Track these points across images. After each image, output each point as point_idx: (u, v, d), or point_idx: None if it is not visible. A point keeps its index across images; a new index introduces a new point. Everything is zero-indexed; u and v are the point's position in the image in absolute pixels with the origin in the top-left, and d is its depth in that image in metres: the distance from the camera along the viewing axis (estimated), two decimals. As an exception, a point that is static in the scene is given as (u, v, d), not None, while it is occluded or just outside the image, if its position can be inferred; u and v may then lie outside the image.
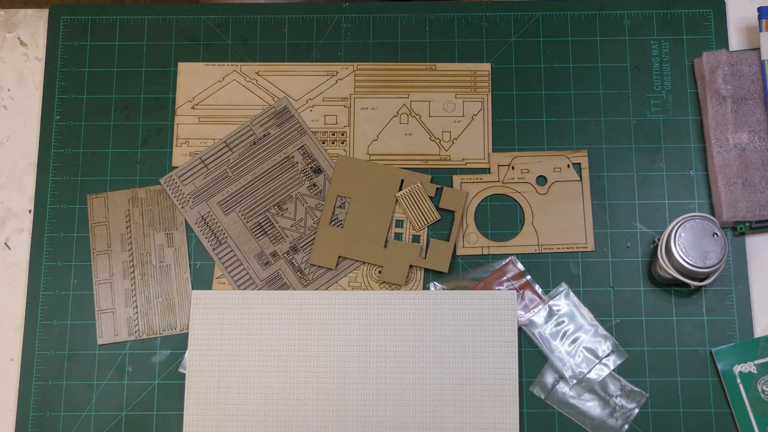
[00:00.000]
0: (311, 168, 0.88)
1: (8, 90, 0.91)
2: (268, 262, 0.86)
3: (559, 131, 0.88)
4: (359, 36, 0.91)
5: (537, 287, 0.84)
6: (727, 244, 0.79)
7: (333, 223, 0.86)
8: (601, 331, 0.83)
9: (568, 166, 0.87)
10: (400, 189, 0.86)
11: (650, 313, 0.84)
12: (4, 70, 0.92)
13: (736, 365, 0.81)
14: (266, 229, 0.87)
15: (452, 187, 0.87)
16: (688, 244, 0.78)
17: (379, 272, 0.85)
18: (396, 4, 0.92)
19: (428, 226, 0.86)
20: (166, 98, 0.90)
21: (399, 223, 0.86)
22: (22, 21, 0.93)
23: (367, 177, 0.87)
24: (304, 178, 0.88)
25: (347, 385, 0.82)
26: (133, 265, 0.86)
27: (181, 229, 0.87)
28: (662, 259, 0.80)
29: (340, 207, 0.87)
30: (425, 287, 0.85)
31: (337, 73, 0.90)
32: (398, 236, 0.86)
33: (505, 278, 0.84)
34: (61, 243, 0.87)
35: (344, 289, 0.85)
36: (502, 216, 0.86)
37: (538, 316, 0.83)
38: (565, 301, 0.84)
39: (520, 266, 0.84)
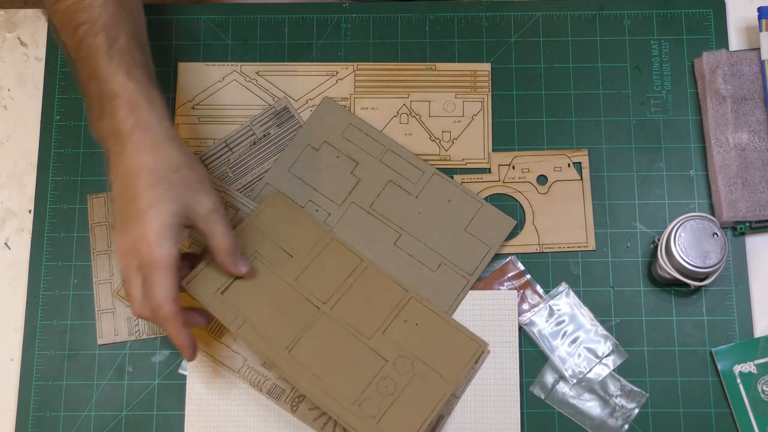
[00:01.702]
0: (311, 168, 0.88)
1: (8, 90, 0.91)
2: (268, 262, 0.86)
3: (559, 131, 0.88)
4: (359, 36, 0.91)
5: (537, 287, 0.84)
6: (727, 244, 0.79)
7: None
8: (601, 330, 0.83)
9: (569, 165, 0.87)
10: None
11: (650, 313, 0.84)
12: (4, 70, 0.91)
13: (736, 365, 0.81)
14: (266, 229, 0.87)
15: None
16: (688, 244, 0.78)
17: None
18: (396, 4, 0.92)
19: None
20: (166, 98, 0.89)
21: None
22: (22, 21, 0.93)
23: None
24: (304, 178, 0.88)
25: (347, 385, 0.82)
26: (133, 265, 0.86)
27: (181, 229, 0.87)
28: (662, 259, 0.80)
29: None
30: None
31: (337, 73, 0.90)
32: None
33: (505, 278, 0.84)
34: (61, 243, 0.86)
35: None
36: (502, 216, 0.86)
37: (539, 315, 0.83)
38: (565, 301, 0.84)
39: (520, 266, 0.84)
